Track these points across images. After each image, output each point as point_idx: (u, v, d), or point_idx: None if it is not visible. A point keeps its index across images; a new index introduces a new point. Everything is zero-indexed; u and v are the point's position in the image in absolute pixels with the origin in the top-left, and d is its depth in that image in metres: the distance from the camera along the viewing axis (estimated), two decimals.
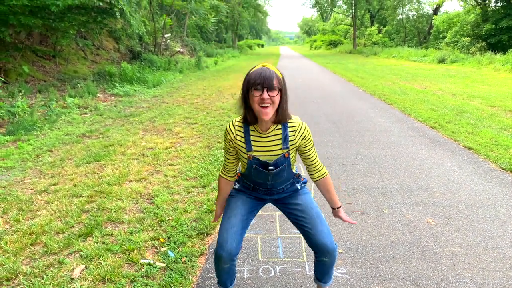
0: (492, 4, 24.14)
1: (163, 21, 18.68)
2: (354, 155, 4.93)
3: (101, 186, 3.90)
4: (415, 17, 39.02)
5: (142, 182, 4.04)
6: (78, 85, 9.90)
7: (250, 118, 1.78)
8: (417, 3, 38.64)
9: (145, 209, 3.39)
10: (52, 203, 3.52)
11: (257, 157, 1.82)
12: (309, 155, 1.91)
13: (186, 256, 2.64)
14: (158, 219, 3.19)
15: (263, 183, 1.93)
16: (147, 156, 4.89)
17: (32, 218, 3.26)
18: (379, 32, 41.52)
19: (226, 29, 41.19)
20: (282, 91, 1.71)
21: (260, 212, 3.32)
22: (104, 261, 2.57)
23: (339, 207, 2.03)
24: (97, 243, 2.83)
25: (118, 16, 10.02)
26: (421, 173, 4.26)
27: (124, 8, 9.87)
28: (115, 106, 8.66)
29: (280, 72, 1.75)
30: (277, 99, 1.68)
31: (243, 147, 1.83)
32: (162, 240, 2.86)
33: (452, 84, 11.81)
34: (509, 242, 2.81)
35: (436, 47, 28.87)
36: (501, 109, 7.71)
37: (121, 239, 2.86)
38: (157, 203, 3.48)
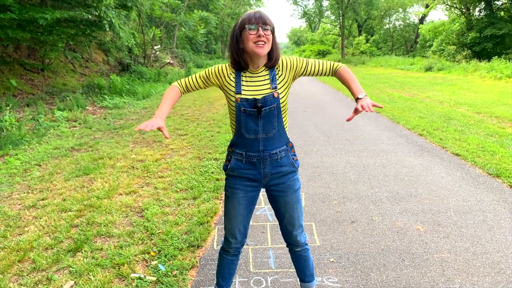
0: (476, 13, 24.74)
1: (152, 33, 18.74)
2: (344, 164, 4.96)
3: (90, 200, 3.86)
4: (401, 26, 39.78)
5: (132, 195, 4.01)
6: (67, 98, 9.84)
7: (243, 63, 1.79)
8: (403, 13, 39.44)
9: (135, 222, 3.36)
10: (41, 218, 3.47)
11: (245, 97, 1.81)
12: (312, 64, 1.89)
13: (177, 269, 2.62)
14: (148, 233, 3.17)
15: (255, 140, 1.84)
16: (137, 168, 4.86)
17: (20, 234, 3.21)
18: (367, 41, 42.15)
19: (216, 40, 41.43)
20: (274, 32, 1.78)
21: (251, 223, 3.31)
22: (93, 276, 2.54)
23: (359, 98, 1.76)
24: (86, 258, 2.79)
25: (107, 29, 10.03)
26: (410, 180, 4.31)
27: (113, 21, 9.90)
28: (104, 118, 8.62)
29: None
30: (270, 38, 1.75)
31: (232, 87, 1.82)
32: (152, 253, 2.84)
33: (439, 92, 12.01)
34: (497, 247, 2.85)
35: (422, 56, 29.40)
36: (487, 116, 7.85)
37: (111, 254, 2.83)
38: (147, 216, 3.46)
